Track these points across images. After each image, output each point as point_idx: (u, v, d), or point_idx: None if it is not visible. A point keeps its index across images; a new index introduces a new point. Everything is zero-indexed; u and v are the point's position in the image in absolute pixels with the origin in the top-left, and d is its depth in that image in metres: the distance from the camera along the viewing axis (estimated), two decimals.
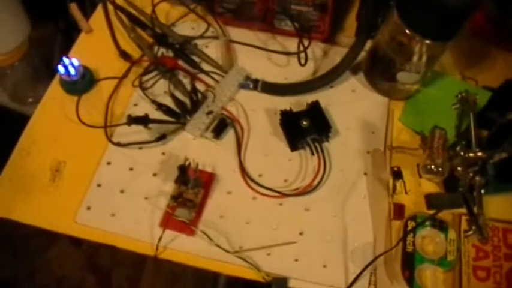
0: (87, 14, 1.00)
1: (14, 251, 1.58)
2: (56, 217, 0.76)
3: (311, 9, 0.89)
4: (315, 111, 0.82)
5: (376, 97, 0.88)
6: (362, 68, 0.90)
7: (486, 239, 0.67)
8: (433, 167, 0.68)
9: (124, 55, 0.91)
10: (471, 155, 0.70)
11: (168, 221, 0.74)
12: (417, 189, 0.79)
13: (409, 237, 0.73)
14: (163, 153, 0.81)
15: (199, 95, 0.85)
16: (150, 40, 0.93)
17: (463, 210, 0.70)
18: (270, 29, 0.95)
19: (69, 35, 1.26)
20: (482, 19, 0.93)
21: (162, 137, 0.81)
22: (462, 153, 0.70)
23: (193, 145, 0.82)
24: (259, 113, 0.86)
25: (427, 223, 0.74)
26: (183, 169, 0.73)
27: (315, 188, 0.78)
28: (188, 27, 0.97)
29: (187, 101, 0.84)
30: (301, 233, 0.75)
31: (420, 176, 0.76)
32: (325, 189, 0.78)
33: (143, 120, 0.80)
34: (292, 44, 0.92)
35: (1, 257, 1.57)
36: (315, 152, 0.80)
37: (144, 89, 0.87)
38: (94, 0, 1.05)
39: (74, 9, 0.99)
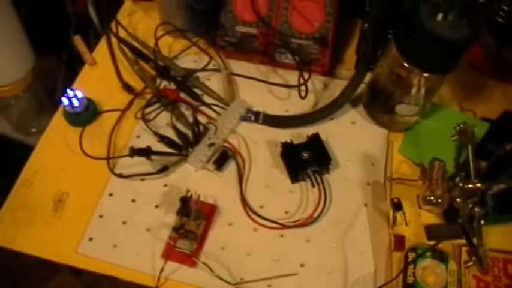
0: (90, 46, 1.02)
1: (14, 281, 1.57)
2: (57, 247, 0.76)
3: (311, 42, 0.91)
4: (316, 143, 0.83)
5: (375, 129, 0.89)
6: (362, 100, 0.91)
7: (486, 270, 0.67)
8: (432, 198, 0.68)
9: (127, 87, 0.93)
10: (470, 186, 0.70)
11: (169, 253, 0.74)
12: (417, 220, 0.79)
13: (410, 269, 0.73)
14: (166, 185, 0.82)
15: (201, 127, 0.85)
16: (153, 73, 0.95)
17: (463, 241, 0.70)
18: (271, 62, 0.96)
19: (72, 67, 1.28)
20: (479, 52, 0.94)
21: (164, 169, 0.82)
22: (461, 185, 0.70)
23: (195, 177, 0.83)
24: (260, 145, 0.87)
25: (428, 254, 0.74)
26: (185, 201, 0.74)
27: (316, 220, 0.78)
28: (190, 60, 0.98)
29: (189, 133, 0.85)
30: (302, 265, 0.75)
31: (420, 207, 0.75)
32: (325, 220, 0.79)
33: (145, 152, 0.81)
34: (292, 77, 0.93)
35: (1, 287, 1.56)
36: (315, 183, 0.81)
37: (146, 121, 0.88)
38: (98, 33, 1.07)
39: (78, 42, 1.01)
